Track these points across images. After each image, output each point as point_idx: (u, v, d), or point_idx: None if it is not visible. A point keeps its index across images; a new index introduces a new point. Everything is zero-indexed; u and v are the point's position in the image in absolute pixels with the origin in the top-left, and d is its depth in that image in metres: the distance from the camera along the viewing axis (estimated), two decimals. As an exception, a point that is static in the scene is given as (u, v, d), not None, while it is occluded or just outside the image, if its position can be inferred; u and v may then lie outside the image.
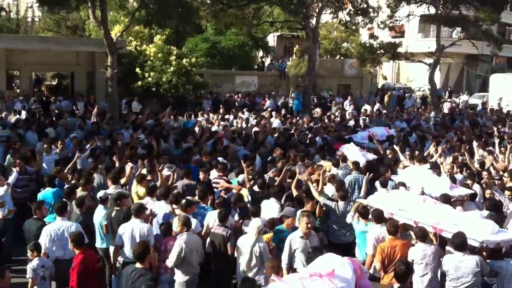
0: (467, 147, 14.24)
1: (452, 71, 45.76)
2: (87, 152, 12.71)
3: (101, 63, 20.89)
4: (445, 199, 9.04)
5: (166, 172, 10.90)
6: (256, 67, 33.36)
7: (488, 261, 7.14)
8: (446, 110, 27.71)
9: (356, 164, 11.91)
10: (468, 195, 9.65)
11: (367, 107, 25.74)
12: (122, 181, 10.45)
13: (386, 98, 29.68)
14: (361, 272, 5.96)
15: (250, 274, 7.76)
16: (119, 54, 19.93)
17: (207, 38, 31.32)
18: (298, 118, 21.31)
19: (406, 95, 32.66)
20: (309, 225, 7.84)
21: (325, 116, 22.19)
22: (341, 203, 9.42)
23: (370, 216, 8.55)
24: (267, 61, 35.38)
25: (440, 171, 11.03)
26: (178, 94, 23.46)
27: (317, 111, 23.69)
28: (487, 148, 14.69)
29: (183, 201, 8.95)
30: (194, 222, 8.52)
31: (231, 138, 15.65)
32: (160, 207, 9.09)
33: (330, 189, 10.38)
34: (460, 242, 6.99)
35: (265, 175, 11.18)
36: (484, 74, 42.81)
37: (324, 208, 9.54)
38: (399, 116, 22.55)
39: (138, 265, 6.74)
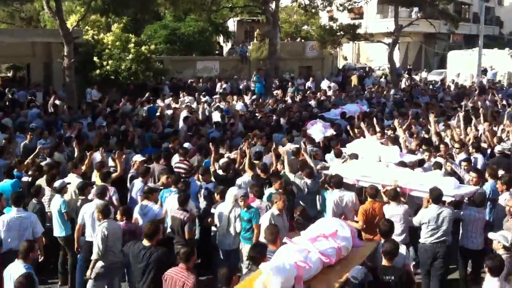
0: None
1: (410, 50, 46.54)
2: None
3: (57, 53, 20.49)
4: (403, 165, 9.72)
5: (139, 158, 10.83)
6: (217, 52, 33.22)
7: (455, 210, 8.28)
8: (403, 86, 28.28)
9: (310, 139, 12.32)
10: (417, 161, 10.29)
11: (325, 83, 26.08)
12: (83, 168, 10.33)
13: (354, 79, 29.96)
14: (353, 232, 6.53)
15: (229, 240, 8.32)
16: (76, 43, 19.54)
17: (166, 25, 30.93)
18: (261, 100, 21.36)
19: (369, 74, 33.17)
20: (285, 203, 8.17)
21: (288, 97, 22.28)
22: (308, 181, 9.54)
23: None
24: (228, 45, 35.24)
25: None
26: (138, 82, 23.19)
27: (278, 93, 23.75)
28: (448, 122, 15.01)
29: (146, 187, 9.08)
30: (156, 207, 8.59)
31: (203, 121, 15.81)
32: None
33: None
34: (437, 196, 7.94)
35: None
36: (442, 52, 43.63)
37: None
38: (359, 95, 22.84)
39: (146, 243, 6.89)
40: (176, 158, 11.42)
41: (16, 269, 6.37)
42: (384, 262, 6.36)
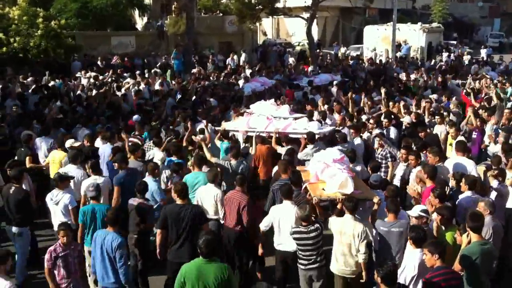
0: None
1: (328, 24, 47.05)
2: None
3: (-44, 29, 18.94)
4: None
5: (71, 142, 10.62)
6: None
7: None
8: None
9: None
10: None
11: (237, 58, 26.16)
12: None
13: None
14: None
15: None
16: (-23, 19, 18.15)
17: (76, -3, 29.31)
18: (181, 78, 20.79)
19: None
20: None
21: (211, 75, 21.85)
22: (233, 162, 9.52)
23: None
24: (144, 20, 34.05)
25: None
26: (49, 59, 21.92)
27: (197, 70, 23.20)
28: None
29: (56, 175, 8.76)
30: (67, 197, 8.26)
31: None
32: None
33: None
34: (311, 137, 10.52)
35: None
36: (358, 27, 44.38)
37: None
38: (280, 72, 22.85)
39: (180, 202, 7.38)
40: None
41: None
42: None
